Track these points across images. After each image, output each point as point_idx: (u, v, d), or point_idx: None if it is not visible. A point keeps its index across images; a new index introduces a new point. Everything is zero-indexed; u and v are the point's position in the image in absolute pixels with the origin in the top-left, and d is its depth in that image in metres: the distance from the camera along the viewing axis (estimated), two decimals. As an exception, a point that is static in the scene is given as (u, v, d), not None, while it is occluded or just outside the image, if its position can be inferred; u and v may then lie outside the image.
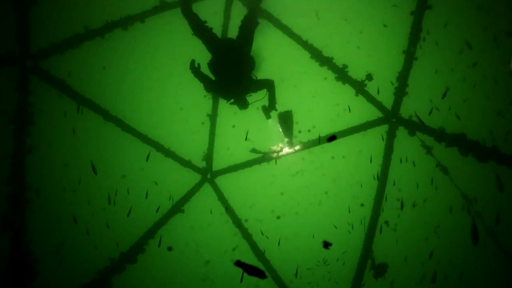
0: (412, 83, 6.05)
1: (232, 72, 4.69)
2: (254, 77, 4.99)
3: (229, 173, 7.15)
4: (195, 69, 4.84)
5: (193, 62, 4.86)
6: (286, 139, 6.08)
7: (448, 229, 7.33)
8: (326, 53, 6.23)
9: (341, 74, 6.25)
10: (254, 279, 7.46)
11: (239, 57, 4.75)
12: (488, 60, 6.12)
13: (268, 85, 4.98)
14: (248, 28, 4.83)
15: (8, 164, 5.72)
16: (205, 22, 4.96)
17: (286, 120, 5.85)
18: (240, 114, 5.59)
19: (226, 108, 6.50)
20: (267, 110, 5.10)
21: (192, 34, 4.89)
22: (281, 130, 5.95)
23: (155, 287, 7.30)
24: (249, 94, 4.94)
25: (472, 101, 6.31)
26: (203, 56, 5.05)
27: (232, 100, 4.87)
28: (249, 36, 4.87)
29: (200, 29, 4.85)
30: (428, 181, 6.85)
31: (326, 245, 2.93)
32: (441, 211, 7.08)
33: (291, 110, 5.88)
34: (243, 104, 4.87)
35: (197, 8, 6.25)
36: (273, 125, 5.52)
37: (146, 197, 6.93)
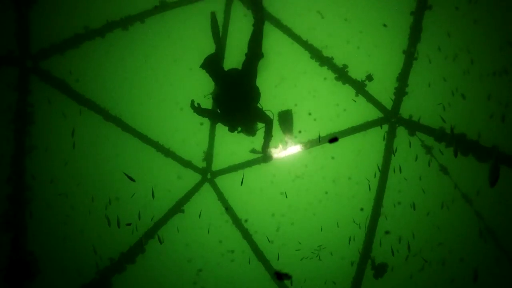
0: (412, 83, 6.06)
1: (238, 104, 4.70)
2: (259, 106, 4.99)
3: (229, 173, 7.15)
4: (196, 108, 4.87)
5: (192, 102, 4.89)
6: (286, 139, 6.08)
7: (447, 228, 7.33)
8: (326, 53, 6.23)
9: (341, 74, 6.25)
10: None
11: (245, 89, 4.77)
12: (487, 58, 6.12)
13: (267, 121, 4.91)
14: (253, 59, 4.83)
15: (8, 164, 5.72)
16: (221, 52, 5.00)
17: (286, 120, 5.84)
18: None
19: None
20: (263, 148, 5.04)
21: (200, 67, 4.94)
22: (281, 130, 5.94)
23: (155, 287, 7.30)
24: (255, 123, 4.95)
25: (472, 98, 6.32)
26: (203, 57, 5.07)
27: (239, 129, 4.88)
28: (253, 68, 4.85)
29: (213, 57, 4.88)
30: (428, 180, 6.85)
31: (281, 276, 2.86)
32: (441, 210, 7.08)
33: (291, 110, 5.87)
34: (250, 132, 4.87)
35: (197, 8, 6.28)
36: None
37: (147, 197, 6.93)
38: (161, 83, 6.96)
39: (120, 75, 6.66)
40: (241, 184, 6.59)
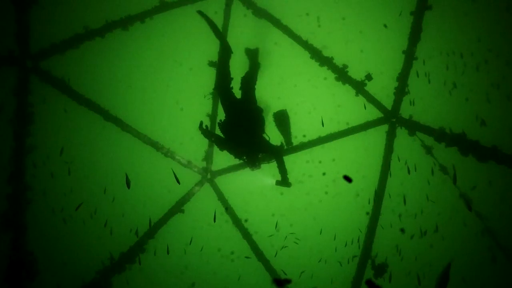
0: (412, 83, 6.06)
1: (243, 133, 4.71)
2: (267, 137, 4.99)
3: (229, 173, 7.15)
4: (204, 130, 4.88)
5: (201, 123, 4.91)
6: (285, 139, 6.08)
7: (448, 229, 7.32)
8: (326, 53, 6.24)
9: (341, 74, 6.26)
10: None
11: (252, 118, 4.79)
12: (488, 57, 6.12)
13: (276, 153, 4.89)
14: (249, 85, 4.89)
15: (8, 164, 5.73)
16: (232, 79, 5.04)
17: (283, 120, 5.85)
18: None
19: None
20: (282, 183, 5.03)
21: (213, 89, 5.00)
22: (279, 131, 5.95)
23: (155, 287, 7.29)
24: (260, 154, 4.93)
25: (472, 98, 6.31)
26: (203, 57, 5.07)
27: (244, 158, 4.86)
28: (252, 92, 4.96)
29: (225, 86, 4.92)
30: (427, 180, 6.84)
31: (281, 283, 2.87)
32: (440, 211, 7.07)
33: (286, 109, 5.87)
34: (254, 164, 4.83)
35: (197, 8, 6.28)
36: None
37: (146, 197, 6.94)
38: (161, 83, 6.95)
39: (120, 75, 6.66)
40: (214, 221, 6.56)
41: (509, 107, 6.24)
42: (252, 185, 7.64)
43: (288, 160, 7.31)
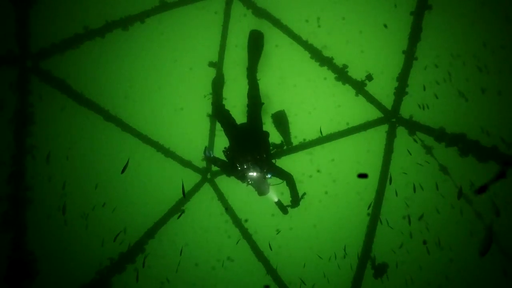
0: (412, 83, 6.05)
1: (250, 156, 4.68)
2: (274, 161, 4.99)
3: (229, 173, 7.15)
4: (208, 157, 4.87)
5: (205, 149, 4.94)
6: (284, 139, 6.07)
7: (447, 230, 7.33)
8: (326, 53, 6.23)
9: (341, 74, 6.25)
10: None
11: (257, 141, 4.78)
12: (486, 58, 6.12)
13: (287, 178, 4.91)
14: (254, 110, 4.90)
15: (8, 164, 5.72)
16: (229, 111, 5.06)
17: (281, 121, 5.84)
18: (239, 115, 5.59)
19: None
20: (294, 202, 5.09)
21: (213, 116, 4.99)
22: (278, 132, 5.94)
23: (155, 287, 7.30)
24: (267, 176, 4.91)
25: (472, 98, 6.32)
26: (203, 57, 5.06)
27: (251, 182, 4.82)
28: (258, 117, 4.97)
29: (224, 115, 4.93)
30: (427, 181, 6.85)
31: None
32: (440, 212, 7.07)
33: (284, 110, 5.87)
34: (262, 188, 4.78)
35: (197, 8, 6.28)
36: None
37: (147, 197, 6.94)
38: (161, 83, 6.96)
39: (120, 75, 6.67)
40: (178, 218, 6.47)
41: (509, 108, 6.24)
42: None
43: (288, 160, 7.33)
